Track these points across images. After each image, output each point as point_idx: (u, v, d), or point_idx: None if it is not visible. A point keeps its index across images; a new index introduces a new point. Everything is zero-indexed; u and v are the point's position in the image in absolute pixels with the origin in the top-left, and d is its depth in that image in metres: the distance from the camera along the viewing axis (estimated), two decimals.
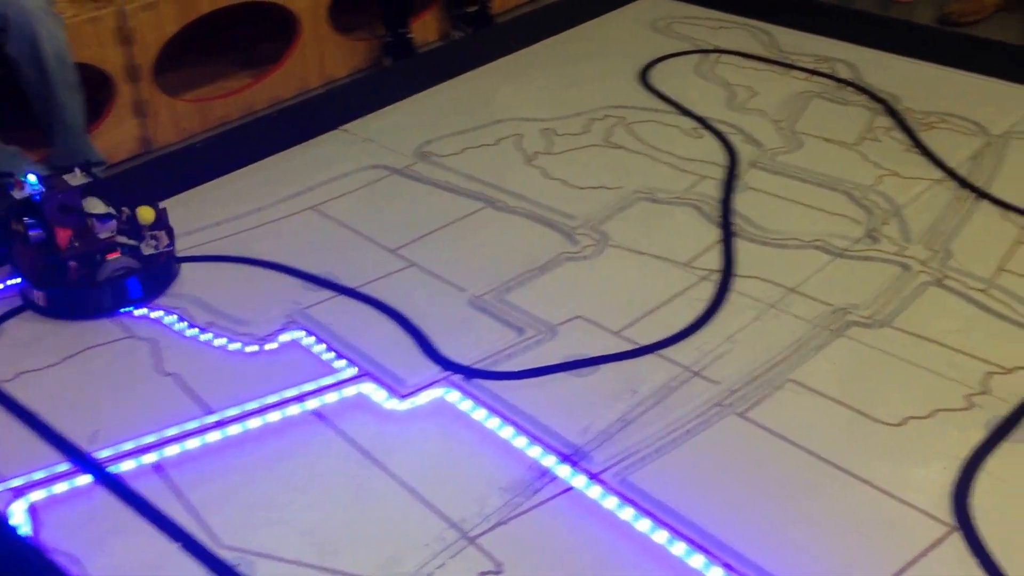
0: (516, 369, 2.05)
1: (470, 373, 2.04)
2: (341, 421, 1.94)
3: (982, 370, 1.98)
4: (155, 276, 2.31)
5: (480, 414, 1.94)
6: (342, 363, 2.08)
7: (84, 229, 2.27)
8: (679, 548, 1.66)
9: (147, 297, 2.29)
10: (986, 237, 2.38)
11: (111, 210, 2.31)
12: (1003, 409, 1.89)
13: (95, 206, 2.29)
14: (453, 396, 1.99)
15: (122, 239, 2.30)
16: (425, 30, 3.71)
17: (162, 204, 2.41)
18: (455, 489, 1.79)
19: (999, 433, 1.83)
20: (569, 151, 2.84)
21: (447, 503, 1.76)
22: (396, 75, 3.43)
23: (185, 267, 2.39)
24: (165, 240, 2.34)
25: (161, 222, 2.37)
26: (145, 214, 2.34)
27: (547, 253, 2.40)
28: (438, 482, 1.80)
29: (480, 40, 3.64)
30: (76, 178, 2.28)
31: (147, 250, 2.31)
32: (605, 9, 3.73)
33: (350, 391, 2.01)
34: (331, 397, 2.00)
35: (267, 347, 2.14)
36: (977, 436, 1.83)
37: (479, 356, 2.09)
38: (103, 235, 2.28)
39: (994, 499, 1.71)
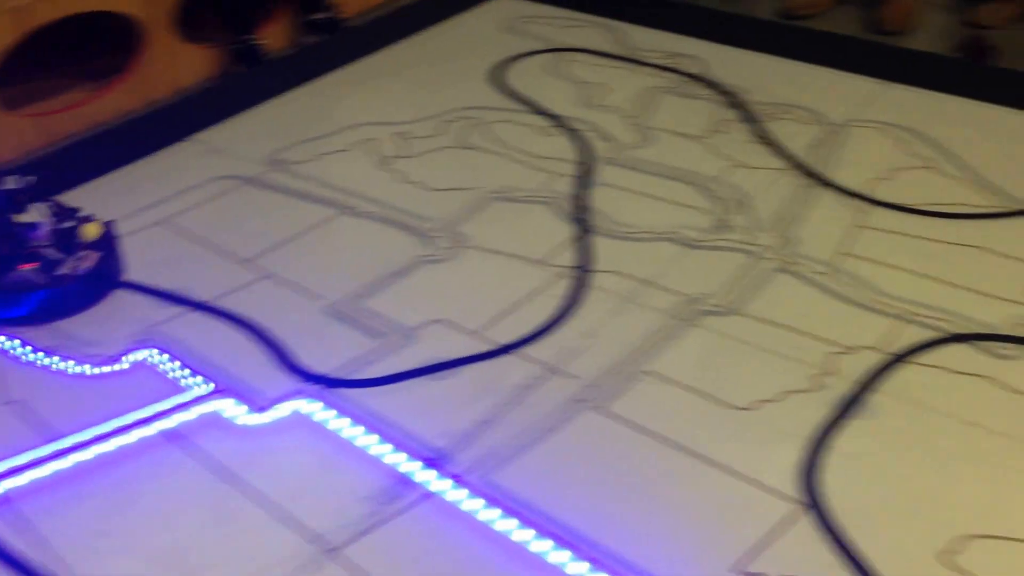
0: (375, 376, 2.03)
1: (329, 382, 2.02)
2: (198, 439, 1.90)
3: (826, 351, 2.05)
4: (57, 297, 2.21)
5: (341, 423, 1.92)
6: (197, 380, 2.03)
7: (8, 234, 2.20)
8: (544, 545, 1.66)
9: (42, 317, 2.20)
10: (827, 222, 2.46)
11: (43, 220, 2.24)
12: (847, 387, 1.95)
13: (34, 213, 2.22)
14: (312, 407, 1.96)
15: (50, 252, 2.22)
16: (275, 37, 3.65)
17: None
18: (318, 501, 1.76)
19: (844, 411, 1.90)
20: (424, 154, 2.83)
21: (310, 516, 1.73)
22: (246, 83, 3.37)
23: None
24: (89, 263, 2.25)
25: (103, 242, 2.30)
26: (88, 231, 2.28)
27: (404, 257, 2.39)
28: (300, 495, 1.78)
29: (331, 46, 3.60)
30: (9, 182, 2.24)
31: (63, 268, 2.22)
32: (456, 11, 3.73)
33: (206, 408, 1.96)
34: (187, 415, 1.95)
35: (117, 367, 2.08)
36: (824, 415, 1.89)
37: (337, 364, 2.06)
38: (33, 244, 2.21)
39: (841, 475, 1.77)
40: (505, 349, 2.10)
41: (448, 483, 1.79)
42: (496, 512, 1.72)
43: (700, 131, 2.90)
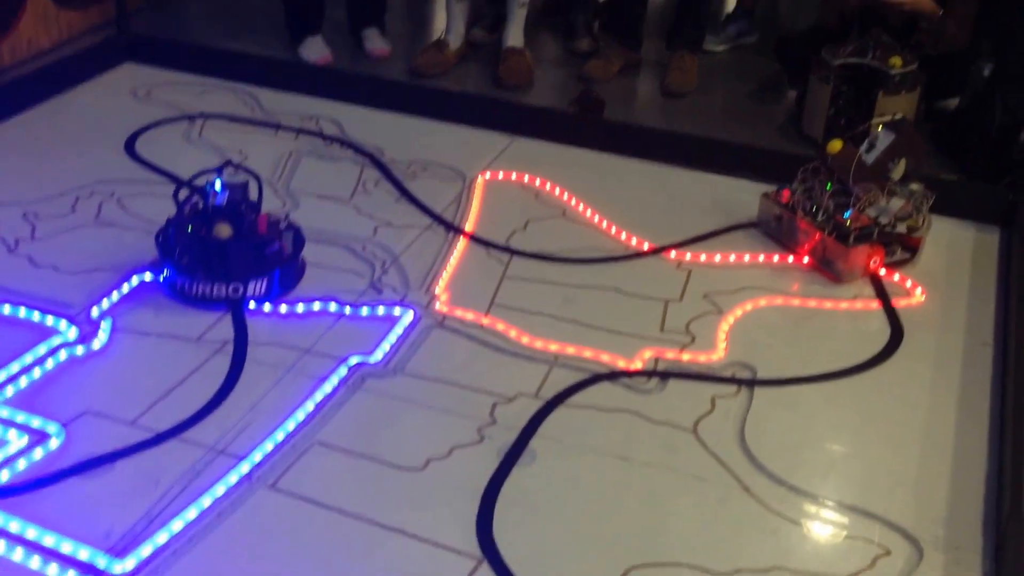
0: (21, 481, 1.89)
1: None
2: None
3: (489, 402, 2.14)
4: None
5: None
6: None
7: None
8: None
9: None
10: (476, 275, 2.57)
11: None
12: (511, 436, 2.04)
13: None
14: None
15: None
16: None
17: None
18: None
19: (509, 460, 1.98)
20: (57, 235, 2.67)
21: None
22: None
23: None
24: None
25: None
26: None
27: (44, 347, 2.24)
28: None
29: None
30: (234, 175, 2.49)
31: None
32: (77, 81, 3.54)
33: None
34: None
35: None
36: (491, 466, 1.97)
37: None
38: None
39: (512, 523, 1.85)
40: (164, 436, 2.02)
41: None
42: None
43: (344, 192, 2.94)
